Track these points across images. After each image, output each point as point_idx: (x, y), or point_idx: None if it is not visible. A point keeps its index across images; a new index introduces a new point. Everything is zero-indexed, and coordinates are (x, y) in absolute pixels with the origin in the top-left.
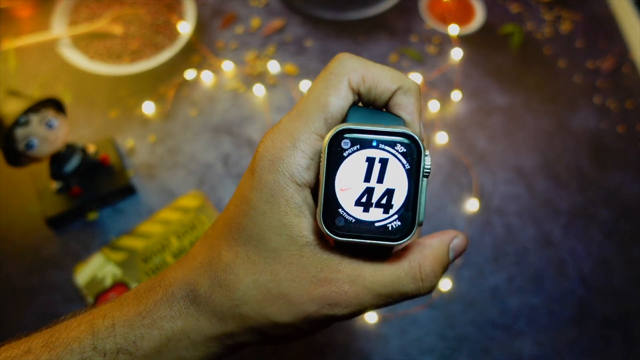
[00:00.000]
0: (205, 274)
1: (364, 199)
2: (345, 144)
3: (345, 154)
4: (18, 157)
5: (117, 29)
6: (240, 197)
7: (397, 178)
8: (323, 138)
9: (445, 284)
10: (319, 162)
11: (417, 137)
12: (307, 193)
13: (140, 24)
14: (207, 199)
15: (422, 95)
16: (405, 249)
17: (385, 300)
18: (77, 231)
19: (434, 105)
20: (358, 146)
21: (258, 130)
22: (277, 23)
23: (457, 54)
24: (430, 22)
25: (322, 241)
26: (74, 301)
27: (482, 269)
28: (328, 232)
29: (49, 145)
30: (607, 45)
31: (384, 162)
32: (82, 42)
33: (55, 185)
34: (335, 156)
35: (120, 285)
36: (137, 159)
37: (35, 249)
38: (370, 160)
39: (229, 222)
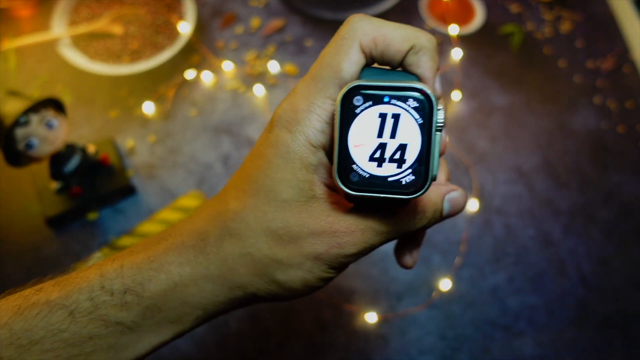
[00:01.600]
0: (215, 224)
1: (377, 154)
2: (357, 100)
3: (357, 111)
4: (18, 157)
5: (117, 29)
6: (256, 153)
7: (410, 133)
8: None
9: (445, 284)
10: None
11: (428, 92)
12: (322, 155)
13: (140, 23)
14: (207, 199)
15: None
16: None
17: (387, 237)
18: (77, 231)
19: None
20: (370, 102)
21: (258, 130)
22: (277, 23)
23: (457, 54)
24: (430, 22)
25: (333, 199)
26: None
27: (482, 269)
28: (344, 187)
29: (49, 145)
30: (607, 45)
31: (396, 117)
32: (82, 42)
33: (55, 185)
34: (348, 113)
35: None
36: (137, 159)
37: (35, 249)
38: (383, 116)
39: (242, 175)
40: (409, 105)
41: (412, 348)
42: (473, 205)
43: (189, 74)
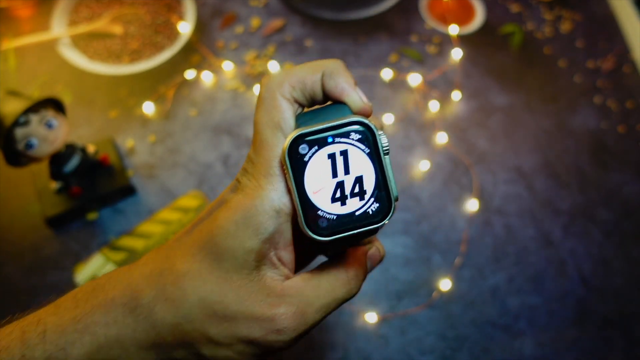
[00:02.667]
0: (153, 284)
1: (338, 194)
2: (303, 149)
3: (306, 159)
4: (18, 157)
5: (117, 29)
6: (214, 215)
7: (361, 164)
8: None
9: (446, 284)
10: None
11: (366, 121)
12: (283, 220)
13: (140, 23)
14: (207, 199)
15: (422, 95)
16: (336, 260)
17: (325, 311)
18: (77, 231)
19: (434, 105)
20: (316, 147)
21: None
22: (277, 23)
23: (457, 53)
24: (430, 22)
25: (281, 271)
26: None
27: (482, 269)
28: (315, 236)
29: (49, 145)
30: (608, 45)
31: (344, 153)
32: (82, 42)
33: (55, 185)
34: (297, 163)
35: None
36: (136, 158)
37: (35, 249)
38: (332, 156)
39: (196, 235)
40: (352, 139)
41: (412, 348)
42: (473, 205)
43: (189, 74)
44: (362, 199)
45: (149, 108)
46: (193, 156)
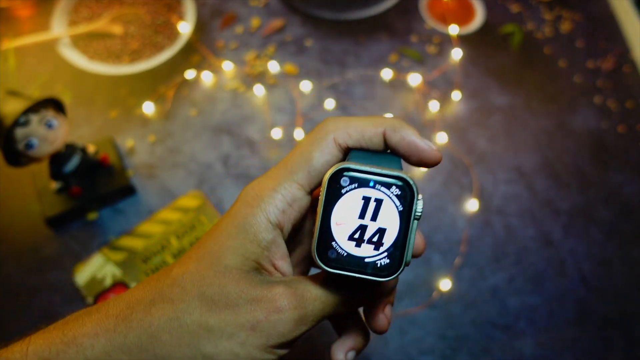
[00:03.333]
0: (150, 290)
1: (356, 235)
2: (344, 181)
3: (343, 191)
4: (18, 157)
5: (117, 29)
6: (214, 226)
7: (389, 218)
8: (303, 188)
9: (445, 284)
10: (304, 205)
11: (411, 182)
12: (277, 234)
13: (140, 23)
14: (207, 199)
15: (422, 95)
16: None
17: (325, 302)
18: (77, 231)
19: (434, 105)
20: (356, 184)
21: (258, 130)
22: (277, 23)
23: (457, 53)
24: (430, 22)
25: (277, 279)
26: (74, 301)
27: (482, 269)
28: (321, 263)
29: (49, 145)
30: (608, 45)
31: (378, 202)
32: (82, 42)
33: (55, 185)
34: (334, 191)
35: (120, 286)
36: (137, 158)
37: (35, 249)
38: (366, 199)
39: (195, 246)
40: (392, 192)
41: (412, 348)
42: (473, 205)
43: (189, 74)
44: (376, 249)
45: (149, 108)
46: (193, 156)
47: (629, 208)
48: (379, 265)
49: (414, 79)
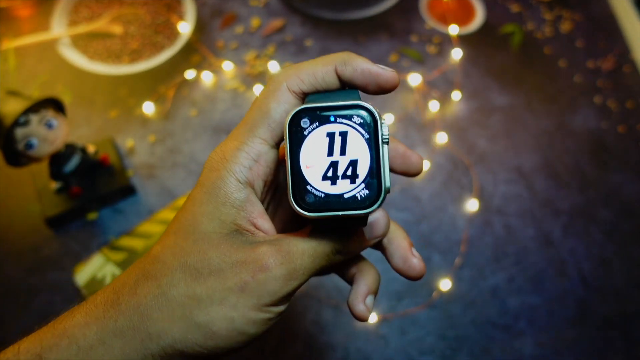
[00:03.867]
0: (133, 272)
1: (330, 173)
2: (304, 122)
3: (306, 132)
4: (18, 157)
5: (117, 29)
6: (187, 198)
7: (358, 148)
8: (266, 142)
9: (446, 284)
10: (270, 159)
11: (370, 107)
12: (249, 192)
13: (140, 23)
14: None
15: (422, 95)
16: None
17: (312, 257)
18: (77, 231)
19: (434, 105)
20: (317, 123)
21: None
22: (277, 23)
23: (457, 53)
24: (430, 22)
25: (258, 237)
26: (74, 301)
27: (482, 269)
28: (299, 210)
29: (49, 145)
30: (608, 45)
31: (343, 134)
32: (82, 42)
33: (55, 185)
34: (296, 135)
35: None
36: (136, 159)
37: (35, 249)
38: (331, 135)
39: (171, 221)
40: (354, 122)
41: (412, 348)
42: (473, 205)
43: (189, 74)
44: (352, 182)
45: (148, 108)
46: (193, 156)
47: (629, 208)
48: (359, 197)
49: (414, 79)
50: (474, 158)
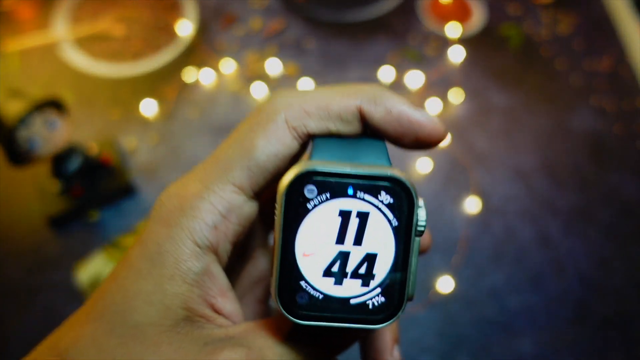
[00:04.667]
0: None
1: (335, 268)
2: (309, 191)
3: (309, 206)
4: (20, 157)
5: (119, 30)
6: (122, 259)
7: (380, 238)
8: (242, 190)
9: (445, 284)
10: (247, 220)
11: (408, 183)
12: (211, 260)
13: (142, 25)
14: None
15: (421, 96)
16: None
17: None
18: (79, 231)
19: (433, 106)
20: (328, 194)
21: None
22: (277, 24)
23: (456, 55)
24: (430, 23)
25: (220, 327)
26: (75, 301)
27: (481, 268)
28: (287, 314)
29: (51, 146)
30: (605, 46)
31: (363, 216)
32: (84, 44)
33: (56, 185)
34: (296, 209)
35: None
36: (138, 159)
37: (37, 249)
38: (345, 215)
39: (96, 293)
40: (381, 201)
41: (412, 347)
42: (473, 205)
43: (191, 75)
44: (365, 284)
45: (150, 109)
46: (194, 157)
47: (628, 208)
48: (370, 306)
49: (414, 79)
50: (473, 158)
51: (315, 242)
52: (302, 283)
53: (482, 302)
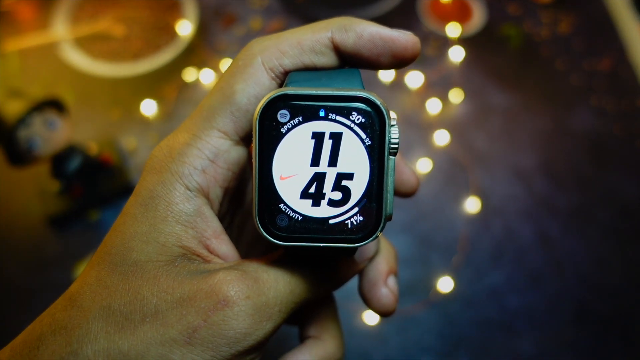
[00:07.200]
0: (40, 323)
1: (312, 189)
2: (282, 116)
3: (283, 130)
4: (20, 157)
5: (119, 30)
6: (122, 211)
7: (355, 158)
8: (227, 135)
9: (445, 283)
10: (230, 162)
11: (377, 101)
12: (202, 203)
13: (142, 25)
14: None
15: (421, 96)
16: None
17: (288, 286)
18: (79, 231)
19: (433, 106)
20: (300, 118)
21: None
22: (277, 24)
23: (456, 55)
24: (430, 24)
25: (214, 265)
26: None
27: (481, 268)
28: (267, 236)
29: (51, 146)
30: (605, 46)
31: (336, 137)
32: (84, 44)
33: (56, 185)
34: (269, 133)
35: None
36: (138, 159)
37: (37, 249)
38: (318, 136)
39: (97, 248)
40: (352, 121)
41: (412, 347)
42: (472, 205)
43: (191, 75)
44: (342, 204)
45: (150, 109)
46: None
47: (627, 208)
48: (349, 225)
49: (414, 79)
50: (473, 158)
51: (292, 165)
52: (281, 205)
53: (482, 302)
